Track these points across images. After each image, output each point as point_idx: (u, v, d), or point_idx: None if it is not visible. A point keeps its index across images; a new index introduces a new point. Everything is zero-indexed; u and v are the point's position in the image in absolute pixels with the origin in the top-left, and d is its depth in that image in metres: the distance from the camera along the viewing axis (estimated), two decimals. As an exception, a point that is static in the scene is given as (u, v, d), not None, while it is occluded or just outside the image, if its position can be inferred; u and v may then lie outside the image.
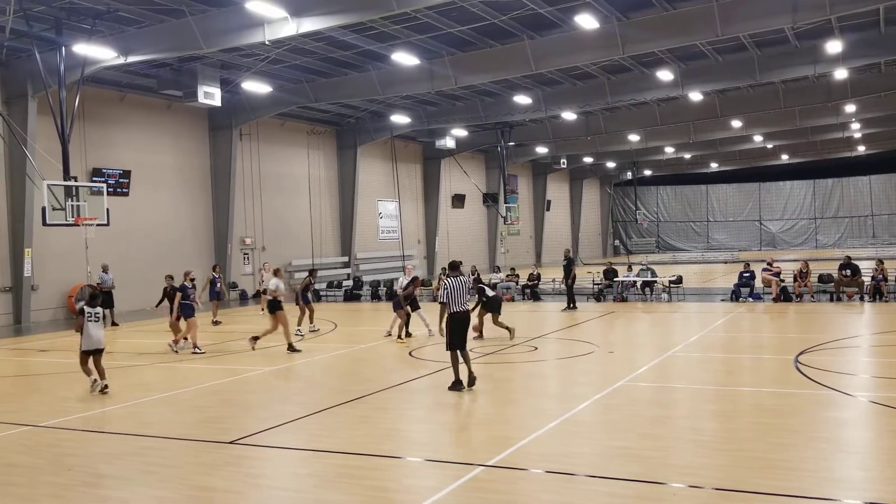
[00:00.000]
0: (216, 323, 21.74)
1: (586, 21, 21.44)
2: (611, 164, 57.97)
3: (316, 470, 7.88)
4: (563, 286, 24.54)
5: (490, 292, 16.54)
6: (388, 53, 24.89)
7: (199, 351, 16.18)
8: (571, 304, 22.88)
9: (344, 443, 8.66)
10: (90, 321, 12.25)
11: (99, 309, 12.40)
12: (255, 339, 16.34)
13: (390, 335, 17.43)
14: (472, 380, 11.24)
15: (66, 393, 12.57)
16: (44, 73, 20.30)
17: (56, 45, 20.08)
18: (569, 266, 23.16)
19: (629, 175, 61.83)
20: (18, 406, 11.40)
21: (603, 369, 13.11)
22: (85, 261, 22.72)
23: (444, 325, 11.63)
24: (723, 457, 7.76)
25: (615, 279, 25.85)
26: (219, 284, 22.63)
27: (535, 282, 27.11)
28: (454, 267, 12.12)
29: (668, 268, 36.78)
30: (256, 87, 27.38)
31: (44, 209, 19.01)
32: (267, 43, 20.56)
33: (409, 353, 14.46)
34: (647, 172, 63.08)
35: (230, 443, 8.79)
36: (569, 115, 36.92)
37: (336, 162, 38.01)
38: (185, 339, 16.58)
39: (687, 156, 54.43)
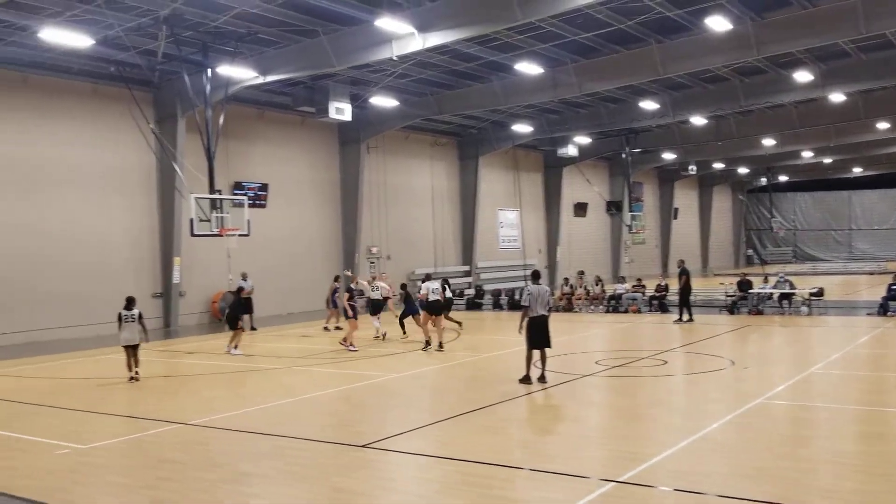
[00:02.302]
0: (333, 328, 22.47)
1: (717, 23, 20.78)
2: (743, 170, 55.67)
3: (443, 476, 8.04)
4: (691, 298, 23.75)
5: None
6: (511, 63, 25.04)
7: (352, 349, 17.71)
8: (686, 317, 22.36)
9: (470, 451, 8.78)
10: (126, 322, 14.46)
11: (135, 311, 14.49)
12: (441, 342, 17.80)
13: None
14: (542, 377, 12.69)
15: (212, 393, 13.42)
16: (191, 94, 21.77)
17: (203, 67, 21.49)
18: (680, 276, 22.63)
19: (763, 181, 59.16)
20: (170, 405, 12.25)
21: (737, 386, 12.66)
22: (227, 269, 24.11)
23: (522, 326, 12.87)
24: (871, 482, 7.34)
25: (750, 291, 24.82)
26: (337, 294, 23.41)
27: (663, 293, 26.39)
28: (536, 275, 13.44)
29: (807, 279, 34.94)
30: (383, 101, 28.23)
31: (191, 220, 20.34)
32: (394, 58, 21.17)
33: (534, 364, 14.46)
34: (783, 178, 60.14)
35: (363, 446, 9.11)
36: (698, 120, 35.80)
37: (458, 172, 38.51)
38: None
39: (827, 160, 51.42)
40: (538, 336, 12.73)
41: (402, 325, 20.34)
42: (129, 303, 14.67)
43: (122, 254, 24.39)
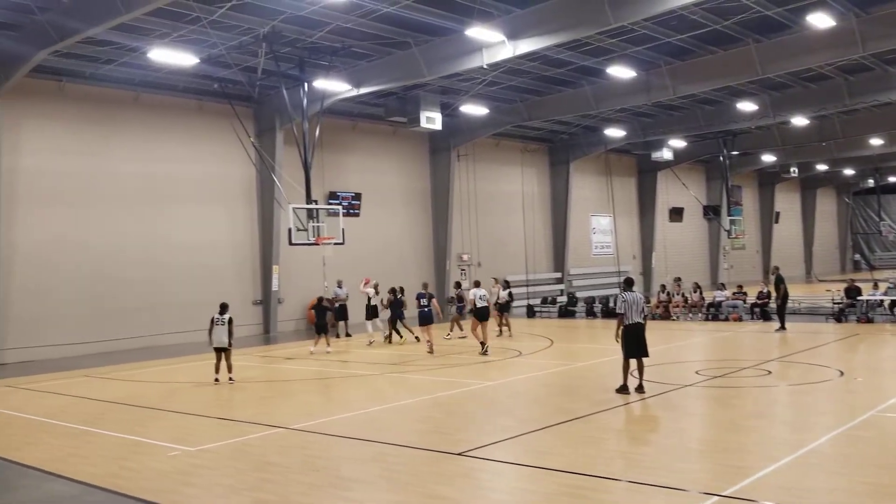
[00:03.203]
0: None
1: (820, 20, 19.96)
2: (849, 172, 53.13)
3: (542, 487, 7.98)
4: (795, 305, 22.92)
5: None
6: (603, 67, 24.75)
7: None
8: (782, 325, 21.71)
9: (568, 461, 8.70)
10: (217, 325, 15.10)
11: (227, 316, 15.11)
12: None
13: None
14: (640, 388, 12.49)
15: (310, 398, 13.80)
16: (289, 108, 22.50)
17: (300, 81, 22.18)
18: (778, 284, 21.90)
19: (871, 182, 56.25)
20: (271, 409, 12.64)
21: (847, 397, 12.09)
22: (322, 276, 24.75)
23: (619, 334, 12.77)
24: None
25: (858, 298, 23.64)
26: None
27: (765, 300, 25.43)
28: (629, 283, 13.19)
29: (921, 285, 32.95)
30: (473, 109, 28.41)
31: (290, 230, 20.98)
32: (485, 66, 21.29)
33: (630, 374, 14.23)
34: (893, 179, 57.00)
35: (459, 454, 9.17)
36: (799, 121, 34.41)
37: (549, 178, 38.30)
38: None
39: (941, 159, 48.54)
40: (635, 344, 12.57)
41: (397, 331, 21.96)
42: (223, 308, 15.47)
43: (224, 263, 25.42)
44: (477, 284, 20.34)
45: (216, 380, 15.29)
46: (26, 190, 21.28)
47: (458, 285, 23.48)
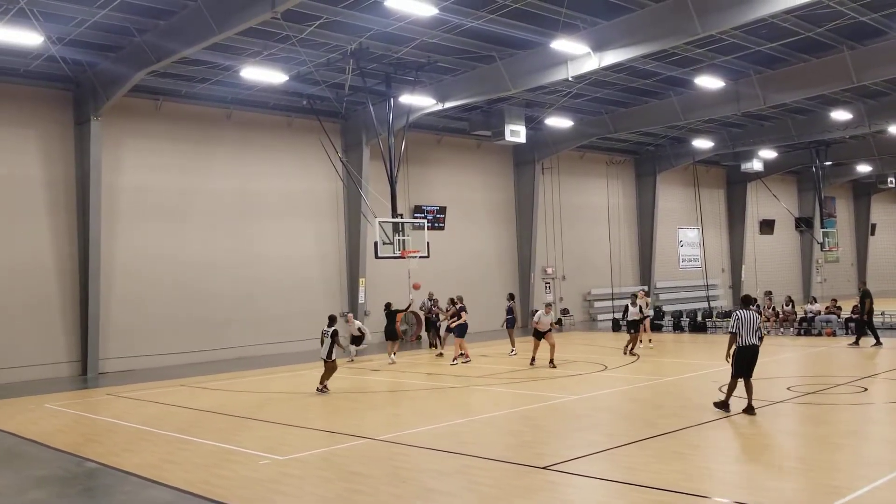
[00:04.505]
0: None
1: (921, 24, 19.15)
2: (953, 181, 50.39)
3: (628, 502, 7.89)
4: (893, 321, 21.90)
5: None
6: (691, 78, 24.32)
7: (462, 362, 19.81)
8: (853, 340, 21.11)
9: (655, 477, 8.55)
10: (325, 338, 15.63)
11: (331, 329, 15.65)
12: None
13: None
14: (749, 409, 11.79)
15: (396, 410, 14.00)
16: (375, 123, 22.98)
17: (386, 97, 22.63)
18: (863, 299, 21.19)
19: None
20: (359, 421, 12.87)
21: (954, 419, 11.47)
22: (408, 289, 25.05)
23: (730, 354, 12.22)
24: None
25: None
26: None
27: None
28: (747, 301, 12.53)
29: None
30: (558, 122, 28.33)
31: (376, 244, 21.35)
32: (569, 79, 21.24)
33: (720, 389, 13.89)
34: None
35: (544, 468, 9.15)
36: (898, 129, 32.92)
37: (634, 190, 37.81)
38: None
39: None
40: (746, 366, 11.98)
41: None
42: (329, 321, 16.01)
43: (312, 276, 26.07)
44: (550, 305, 20.07)
45: (318, 390, 15.73)
46: (125, 205, 22.34)
47: (510, 297, 22.97)
